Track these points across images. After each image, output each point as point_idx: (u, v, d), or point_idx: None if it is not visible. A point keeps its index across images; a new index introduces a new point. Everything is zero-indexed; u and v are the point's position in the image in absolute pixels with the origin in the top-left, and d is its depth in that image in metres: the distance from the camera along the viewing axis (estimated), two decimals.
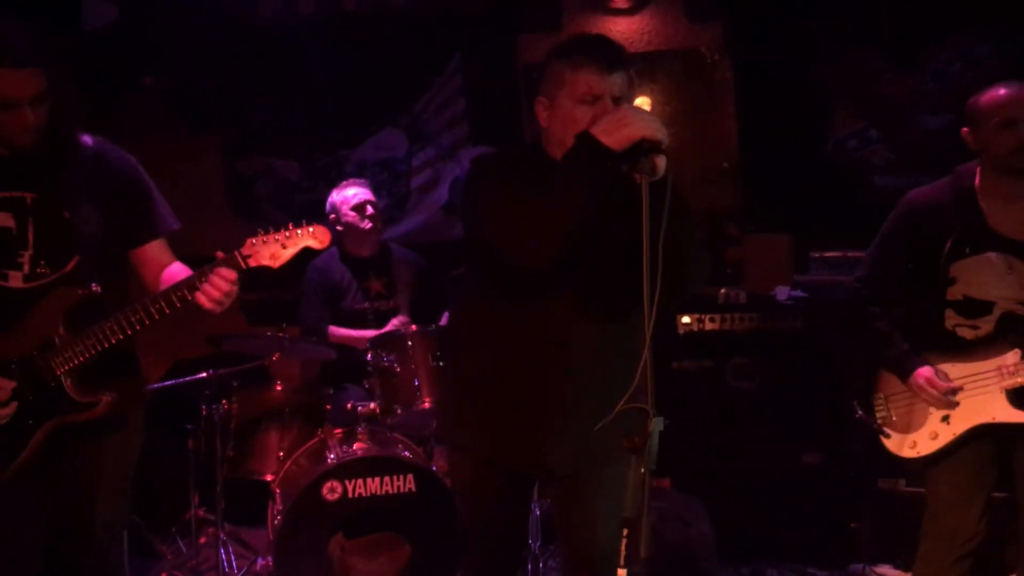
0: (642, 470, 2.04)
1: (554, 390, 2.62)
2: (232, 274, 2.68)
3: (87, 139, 2.87)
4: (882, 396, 3.40)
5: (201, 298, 2.67)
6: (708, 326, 4.86)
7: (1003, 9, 5.25)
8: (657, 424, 2.03)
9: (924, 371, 3.23)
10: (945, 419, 3.22)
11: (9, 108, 2.66)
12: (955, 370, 3.23)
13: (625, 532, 2.11)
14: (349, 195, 4.73)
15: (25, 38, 2.68)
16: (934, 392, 3.19)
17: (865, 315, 3.37)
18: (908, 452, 3.30)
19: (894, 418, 3.36)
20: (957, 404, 3.20)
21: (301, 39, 5.67)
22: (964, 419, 3.20)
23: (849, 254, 4.95)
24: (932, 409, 3.24)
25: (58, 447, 2.83)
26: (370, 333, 4.52)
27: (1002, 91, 3.12)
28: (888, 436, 3.36)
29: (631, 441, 2.09)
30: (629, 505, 2.09)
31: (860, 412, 3.43)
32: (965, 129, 3.21)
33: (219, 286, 2.67)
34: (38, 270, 2.75)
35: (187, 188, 3.70)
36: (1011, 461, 3.25)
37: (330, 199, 4.79)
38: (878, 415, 3.39)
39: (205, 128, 5.86)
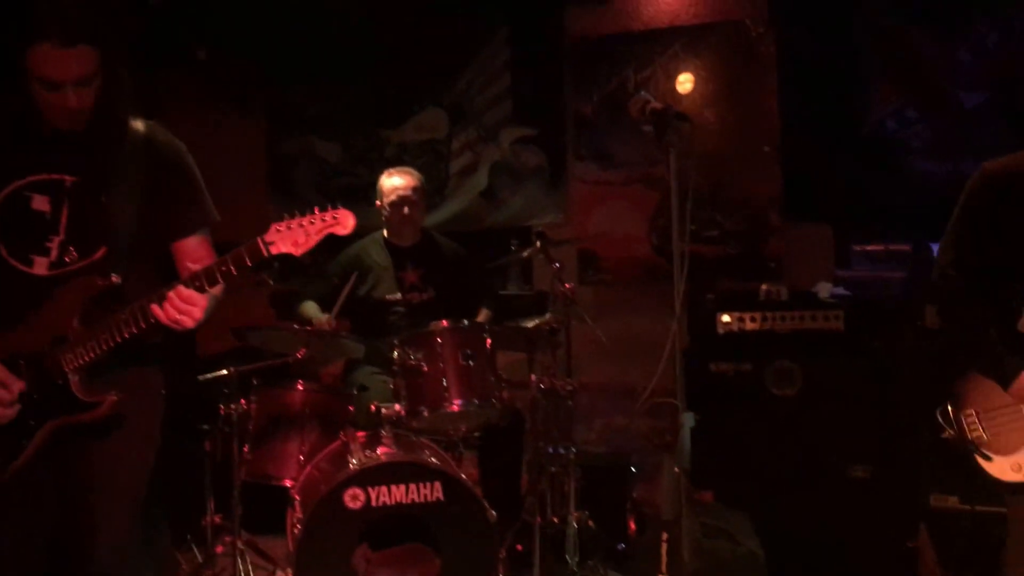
0: (676, 470, 1.87)
1: None
2: (199, 298, 2.54)
3: (138, 124, 2.79)
4: (972, 412, 2.92)
5: (159, 312, 2.54)
6: (748, 326, 4.57)
7: None
8: (687, 420, 1.83)
9: None
10: None
11: (53, 89, 2.57)
12: None
13: (665, 537, 1.98)
14: (388, 187, 4.70)
15: (82, 13, 2.57)
16: None
17: (959, 308, 2.94)
18: (1013, 476, 2.84)
19: (989, 437, 2.88)
20: None
21: (346, 14, 5.61)
22: None
23: (891, 247, 4.65)
24: None
25: (61, 453, 2.68)
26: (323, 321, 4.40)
27: None
28: (990, 459, 2.87)
29: (662, 438, 1.93)
30: (667, 508, 1.95)
31: (950, 432, 2.93)
32: None
33: (177, 306, 2.54)
34: (66, 258, 2.69)
35: (228, 170, 3.60)
36: None
37: (379, 183, 4.77)
38: (971, 434, 2.89)
39: (249, 106, 5.82)
